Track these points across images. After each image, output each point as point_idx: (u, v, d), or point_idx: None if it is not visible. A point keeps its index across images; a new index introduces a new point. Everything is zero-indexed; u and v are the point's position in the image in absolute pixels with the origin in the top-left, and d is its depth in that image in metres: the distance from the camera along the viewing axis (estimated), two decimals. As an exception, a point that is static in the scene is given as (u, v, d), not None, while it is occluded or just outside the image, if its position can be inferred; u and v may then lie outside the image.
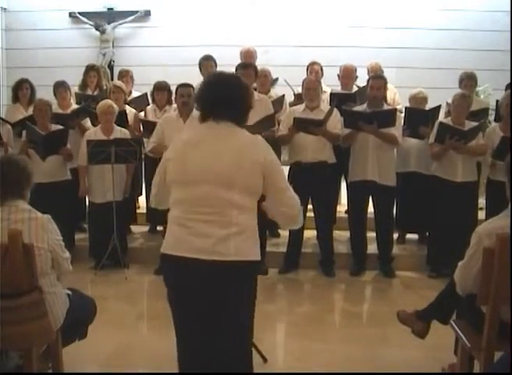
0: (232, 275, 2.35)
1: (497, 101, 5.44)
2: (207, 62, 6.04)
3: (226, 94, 2.42)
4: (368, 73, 6.21)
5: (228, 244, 2.33)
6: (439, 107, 5.54)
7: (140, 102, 6.11)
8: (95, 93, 6.37)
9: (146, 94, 6.18)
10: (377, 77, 5.31)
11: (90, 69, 6.44)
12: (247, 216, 2.40)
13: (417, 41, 8.13)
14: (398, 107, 5.87)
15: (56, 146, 5.14)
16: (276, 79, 6.25)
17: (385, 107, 5.17)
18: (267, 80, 5.81)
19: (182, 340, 2.48)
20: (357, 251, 5.35)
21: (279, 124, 5.24)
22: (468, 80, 5.73)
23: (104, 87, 6.59)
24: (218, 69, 6.02)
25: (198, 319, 2.40)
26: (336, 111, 5.08)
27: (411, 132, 5.35)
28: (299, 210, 2.50)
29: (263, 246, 4.96)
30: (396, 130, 5.05)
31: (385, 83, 5.23)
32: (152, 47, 8.33)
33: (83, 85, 6.35)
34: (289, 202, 2.46)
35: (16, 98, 5.92)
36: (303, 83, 5.31)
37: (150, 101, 6.06)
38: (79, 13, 8.42)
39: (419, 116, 5.37)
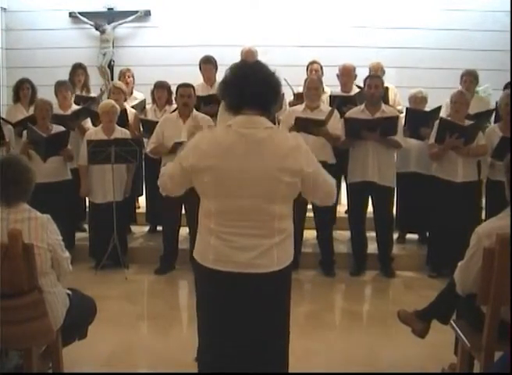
0: (274, 283, 2.34)
1: (496, 102, 5.46)
2: (206, 66, 6.03)
3: (258, 83, 2.27)
4: (370, 73, 6.20)
5: (271, 256, 2.31)
6: (439, 108, 5.53)
7: (141, 108, 6.09)
8: (83, 92, 6.36)
9: (144, 100, 6.19)
10: (374, 76, 5.34)
11: (77, 67, 6.39)
12: (286, 223, 2.37)
13: (417, 41, 8.12)
14: (398, 108, 5.87)
15: (57, 147, 5.13)
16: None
17: (384, 108, 5.16)
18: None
19: (213, 347, 2.41)
20: (357, 251, 5.35)
21: (278, 123, 5.23)
22: (468, 76, 5.77)
23: (104, 87, 6.58)
24: (218, 69, 6.04)
25: (237, 327, 2.35)
26: (336, 112, 5.08)
27: (412, 133, 5.35)
28: (335, 191, 2.47)
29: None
30: (399, 135, 5.06)
31: (382, 82, 5.24)
32: (152, 47, 8.32)
33: (71, 84, 6.27)
34: (326, 190, 2.44)
35: (17, 98, 5.92)
36: (305, 82, 5.31)
37: (150, 101, 6.06)
38: (79, 13, 8.40)
39: (420, 117, 5.37)
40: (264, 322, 2.36)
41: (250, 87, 2.28)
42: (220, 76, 2.46)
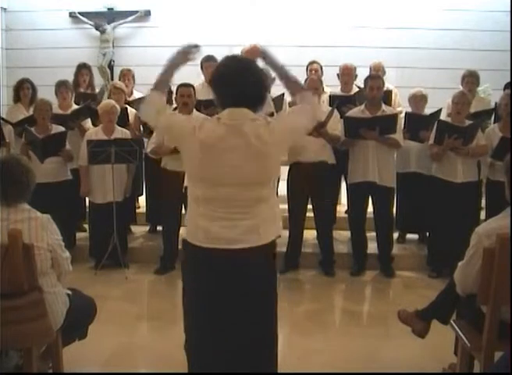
0: (261, 256, 2.43)
1: (496, 102, 5.45)
2: (208, 64, 6.03)
3: (247, 79, 2.38)
4: (371, 72, 6.19)
5: (257, 231, 2.40)
6: (439, 111, 5.52)
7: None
8: (88, 91, 6.36)
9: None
10: (375, 77, 5.31)
11: (81, 67, 6.38)
12: (272, 203, 2.48)
13: (417, 41, 8.12)
14: (398, 109, 5.87)
15: (55, 148, 5.13)
16: (274, 78, 6.23)
17: (384, 108, 5.16)
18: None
19: (199, 331, 2.48)
20: (357, 251, 5.35)
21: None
22: (470, 77, 5.76)
23: (104, 87, 6.57)
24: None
25: (224, 307, 2.43)
26: (335, 112, 5.08)
27: (411, 136, 5.34)
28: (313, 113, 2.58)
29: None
30: (398, 134, 5.06)
31: (383, 82, 5.25)
32: (152, 47, 8.31)
33: (75, 84, 6.26)
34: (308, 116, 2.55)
35: (17, 98, 5.92)
36: (304, 83, 5.31)
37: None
38: (79, 13, 8.40)
39: (419, 121, 5.35)
40: (253, 297, 2.43)
41: (238, 88, 2.38)
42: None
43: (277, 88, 6.10)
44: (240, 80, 2.37)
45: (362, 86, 5.74)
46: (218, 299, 2.42)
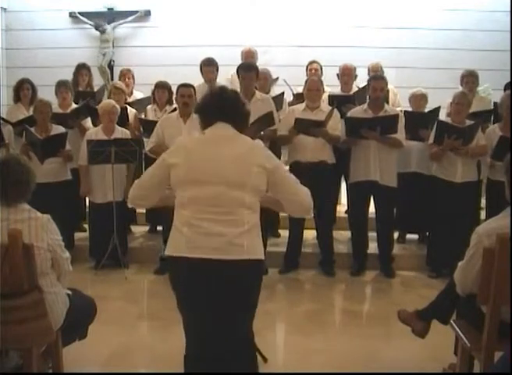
0: (246, 274, 2.43)
1: (495, 103, 5.45)
2: (208, 68, 6.01)
3: (229, 103, 2.57)
4: (369, 73, 6.20)
5: (241, 243, 2.41)
6: (438, 109, 5.52)
7: (144, 104, 6.08)
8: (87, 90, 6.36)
9: (150, 97, 6.17)
10: (378, 78, 5.27)
11: (81, 67, 6.37)
12: (255, 215, 2.50)
13: (417, 41, 8.13)
14: (398, 109, 5.87)
15: (54, 149, 5.13)
16: (276, 78, 6.26)
17: (386, 108, 5.16)
18: (266, 83, 5.81)
19: (192, 339, 2.55)
20: (358, 251, 5.35)
21: (279, 121, 5.23)
22: (470, 77, 5.76)
23: (104, 87, 6.57)
24: (219, 69, 6.04)
25: (209, 317, 2.45)
26: (336, 112, 5.08)
27: (411, 135, 5.34)
28: (311, 202, 2.60)
29: (264, 245, 5.02)
30: (400, 134, 5.05)
31: (386, 83, 5.23)
32: (152, 47, 8.33)
33: (74, 84, 6.24)
34: (304, 199, 2.58)
35: (17, 98, 5.92)
36: (305, 83, 5.31)
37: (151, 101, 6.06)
38: (79, 13, 8.41)
39: (418, 120, 5.35)
40: (233, 311, 2.44)
41: (234, 116, 2.57)
42: (221, 76, 2.51)
43: (277, 88, 6.20)
44: (217, 104, 2.56)
45: (362, 86, 5.75)
46: (200, 306, 2.45)
